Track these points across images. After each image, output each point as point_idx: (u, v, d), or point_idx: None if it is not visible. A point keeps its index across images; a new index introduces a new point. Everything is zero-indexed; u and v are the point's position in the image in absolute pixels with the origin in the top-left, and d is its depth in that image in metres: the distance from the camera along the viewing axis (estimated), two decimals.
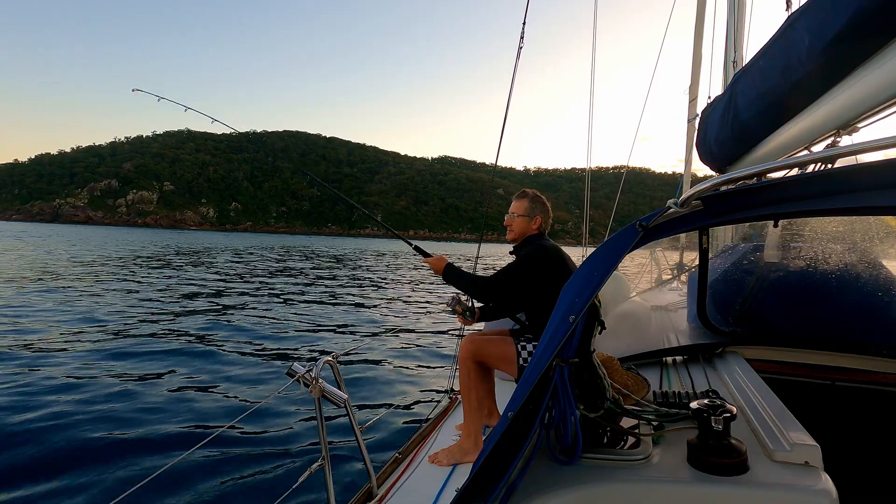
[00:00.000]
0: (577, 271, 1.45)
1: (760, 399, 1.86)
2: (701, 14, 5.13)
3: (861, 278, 2.63)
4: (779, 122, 2.28)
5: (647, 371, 2.41)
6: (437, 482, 1.91)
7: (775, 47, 2.10)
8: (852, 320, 2.59)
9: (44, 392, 5.15)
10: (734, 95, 2.53)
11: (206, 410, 4.94)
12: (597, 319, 1.84)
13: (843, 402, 2.44)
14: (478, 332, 2.53)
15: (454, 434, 2.47)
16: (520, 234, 2.42)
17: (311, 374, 1.64)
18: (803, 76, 1.92)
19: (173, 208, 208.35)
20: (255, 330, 8.76)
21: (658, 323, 3.43)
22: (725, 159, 2.86)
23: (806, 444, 1.43)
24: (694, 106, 4.99)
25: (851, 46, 1.63)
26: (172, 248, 37.72)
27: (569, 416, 1.46)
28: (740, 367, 2.30)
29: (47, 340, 7.49)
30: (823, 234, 2.90)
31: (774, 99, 2.18)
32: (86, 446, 4.07)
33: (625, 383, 2.06)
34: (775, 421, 1.63)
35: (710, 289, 2.88)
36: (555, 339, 1.33)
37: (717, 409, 1.41)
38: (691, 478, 1.36)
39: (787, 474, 1.36)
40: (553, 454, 1.47)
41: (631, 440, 1.58)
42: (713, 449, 1.39)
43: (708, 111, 3.00)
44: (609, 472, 1.41)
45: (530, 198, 2.42)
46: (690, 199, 1.40)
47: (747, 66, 2.42)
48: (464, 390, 2.27)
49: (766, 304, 2.88)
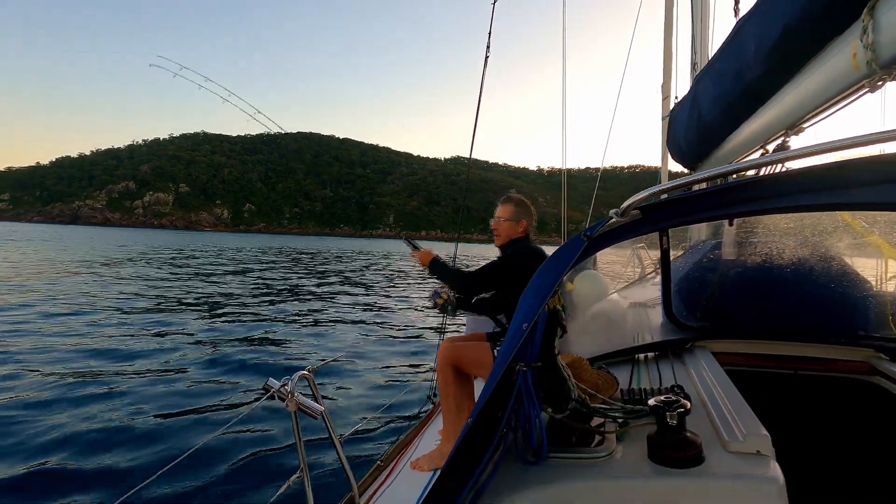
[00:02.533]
0: (530, 281, 1.53)
1: (721, 392, 1.93)
2: (669, 11, 5.16)
3: (815, 271, 2.71)
4: (737, 123, 2.37)
5: (620, 369, 2.47)
6: (419, 488, 1.97)
7: (728, 51, 2.18)
8: (810, 311, 2.66)
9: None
10: (697, 96, 2.61)
11: (179, 428, 4.81)
12: (558, 324, 1.90)
13: (804, 391, 2.51)
14: (454, 338, 2.61)
15: (436, 439, 2.51)
16: (506, 238, 2.52)
17: (286, 388, 1.65)
18: (753, 79, 2.01)
19: (188, 209, 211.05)
20: (226, 343, 8.39)
21: (633, 320, 3.49)
22: (694, 157, 2.94)
23: (758, 434, 1.49)
24: (667, 104, 5.03)
25: (791, 52, 1.71)
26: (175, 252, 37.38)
27: (534, 418, 1.51)
28: (706, 361, 2.36)
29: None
30: (776, 230, 2.97)
31: (731, 100, 2.27)
32: (47, 470, 3.87)
33: (594, 383, 2.11)
34: (732, 412, 1.69)
35: (678, 285, 2.95)
36: (511, 345, 1.40)
37: (672, 404, 1.47)
38: (651, 472, 1.42)
39: (739, 464, 1.41)
40: (520, 455, 1.51)
41: (597, 438, 1.63)
42: (669, 443, 1.45)
43: (676, 111, 3.07)
44: (574, 470, 1.45)
45: (515, 202, 2.52)
46: (629, 209, 1.49)
47: (706, 68, 2.51)
48: (442, 396, 2.35)
49: (729, 299, 2.95)
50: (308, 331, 10.03)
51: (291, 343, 8.78)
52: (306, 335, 9.56)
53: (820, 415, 2.46)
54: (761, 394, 2.12)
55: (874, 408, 2.34)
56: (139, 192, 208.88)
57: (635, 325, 3.26)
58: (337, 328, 10.41)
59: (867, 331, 2.54)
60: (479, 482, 1.35)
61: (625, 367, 2.53)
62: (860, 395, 2.41)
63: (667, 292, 2.79)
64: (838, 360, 2.48)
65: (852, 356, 2.48)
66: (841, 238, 2.81)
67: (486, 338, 2.50)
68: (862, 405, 2.40)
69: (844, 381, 2.45)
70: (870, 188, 1.21)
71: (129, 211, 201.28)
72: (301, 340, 9.05)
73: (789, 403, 2.50)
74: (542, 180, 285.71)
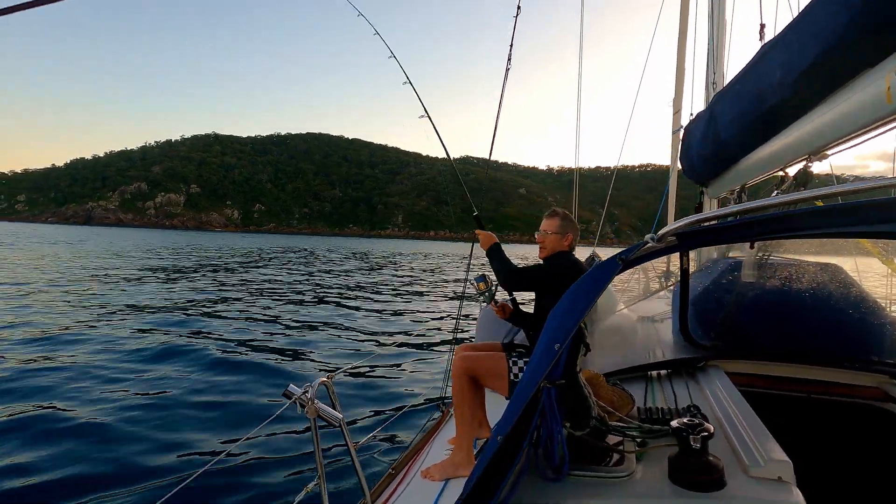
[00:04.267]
0: (561, 299, 1.52)
1: (738, 414, 1.92)
2: (684, 29, 5.11)
3: (833, 296, 2.72)
4: (755, 144, 2.35)
5: (633, 385, 2.48)
6: (430, 497, 1.96)
7: (750, 74, 2.16)
8: (826, 335, 2.67)
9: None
10: (714, 115, 2.58)
11: (198, 437, 4.82)
12: (582, 342, 1.91)
13: (818, 414, 2.52)
14: (470, 346, 2.61)
15: (446, 448, 2.50)
16: (551, 251, 2.54)
17: (306, 396, 1.68)
18: (776, 104, 1.97)
19: (199, 210, 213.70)
20: (243, 351, 8.40)
21: (644, 336, 3.50)
22: (707, 174, 2.94)
23: (779, 460, 1.48)
24: (678, 118, 4.99)
25: (818, 82, 1.69)
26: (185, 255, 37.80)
27: (556, 434, 1.52)
28: (721, 381, 2.36)
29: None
30: (797, 253, 3.00)
31: (751, 122, 2.24)
32: (69, 479, 3.88)
33: (610, 400, 2.13)
34: (751, 436, 1.69)
35: (693, 304, 2.96)
36: (541, 365, 1.41)
37: (695, 427, 1.47)
38: (672, 494, 1.42)
39: (760, 490, 1.41)
40: (542, 471, 1.53)
41: (616, 457, 1.63)
42: (692, 466, 1.45)
43: (690, 127, 3.04)
44: (594, 488, 1.46)
45: (561, 217, 2.55)
46: (667, 235, 1.53)
47: (725, 88, 2.49)
48: (456, 404, 2.34)
49: (745, 319, 2.95)
50: (317, 336, 10.10)
51: (305, 348, 8.85)
52: (318, 340, 9.64)
53: (833, 440, 2.46)
54: (773, 416, 2.15)
55: (888, 434, 2.34)
56: (151, 193, 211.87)
57: (646, 341, 3.28)
58: (350, 333, 10.49)
59: (881, 357, 2.53)
60: (501, 497, 1.36)
61: (638, 384, 2.53)
62: (874, 420, 2.40)
63: (684, 312, 2.79)
64: (852, 385, 2.49)
65: (866, 381, 2.48)
66: (859, 264, 2.83)
67: (500, 348, 2.49)
68: (875, 431, 2.39)
69: (858, 406, 2.45)
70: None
71: (142, 212, 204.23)
72: (314, 345, 9.13)
73: (802, 426, 2.49)
74: (552, 180, 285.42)
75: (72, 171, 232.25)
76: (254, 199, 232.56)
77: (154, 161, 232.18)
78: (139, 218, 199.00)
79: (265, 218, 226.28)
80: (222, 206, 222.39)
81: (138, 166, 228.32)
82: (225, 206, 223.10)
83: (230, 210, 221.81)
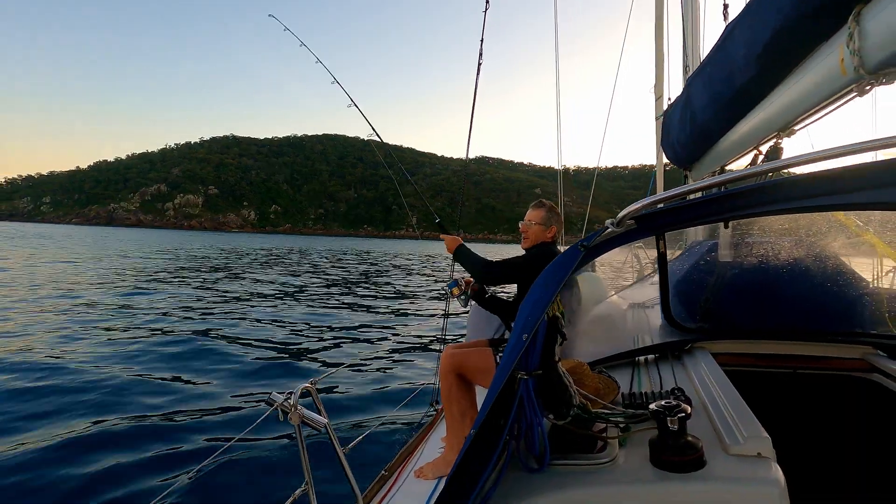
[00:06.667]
0: (529, 292, 1.54)
1: (721, 393, 1.92)
2: (660, 13, 5.05)
3: (811, 270, 2.72)
4: (730, 124, 2.33)
5: (620, 371, 2.48)
6: (423, 497, 1.97)
7: (718, 55, 2.14)
8: (807, 310, 2.68)
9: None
10: (689, 98, 2.59)
11: (183, 445, 4.68)
12: (558, 332, 1.89)
13: (804, 389, 2.52)
14: (457, 345, 2.61)
15: (440, 447, 2.50)
16: (534, 241, 2.54)
17: (289, 402, 1.68)
18: (744, 82, 1.96)
19: (217, 211, 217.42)
20: (229, 355, 8.16)
21: (632, 322, 3.48)
22: (688, 158, 2.95)
23: (758, 436, 1.48)
24: (660, 104, 4.94)
25: (780, 56, 1.69)
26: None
27: (535, 425, 1.52)
28: (706, 362, 2.36)
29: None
30: (772, 230, 2.97)
31: (723, 102, 2.22)
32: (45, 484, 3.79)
33: (595, 387, 2.11)
34: (732, 415, 1.69)
35: (676, 288, 2.95)
36: (511, 355, 1.42)
37: (672, 409, 1.47)
38: (653, 477, 1.42)
39: (740, 467, 1.41)
40: (523, 463, 1.52)
41: (599, 444, 1.63)
42: (671, 448, 1.45)
43: (669, 112, 3.04)
44: (577, 476, 1.46)
45: (547, 208, 2.55)
46: (624, 219, 1.53)
47: (697, 70, 2.47)
48: (446, 403, 2.34)
49: (726, 299, 2.95)
50: (307, 338, 9.94)
51: (294, 352, 8.68)
52: (307, 343, 9.46)
53: (819, 413, 2.48)
54: (761, 393, 2.12)
55: (873, 405, 2.36)
56: (170, 195, 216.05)
57: (635, 328, 3.26)
58: (339, 336, 10.32)
59: (864, 328, 2.56)
60: (484, 491, 1.35)
61: (625, 371, 2.53)
62: (859, 392, 2.43)
63: (665, 294, 2.78)
64: (836, 358, 2.50)
65: (850, 353, 2.49)
66: (835, 237, 2.82)
67: (487, 345, 2.48)
68: (861, 402, 2.42)
69: (843, 378, 2.47)
70: (867, 192, 1.20)
71: (161, 213, 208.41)
72: (304, 348, 8.99)
73: (789, 402, 2.52)
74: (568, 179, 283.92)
75: (95, 172, 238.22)
76: (270, 200, 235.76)
77: (173, 163, 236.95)
78: (158, 219, 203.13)
79: (281, 219, 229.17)
80: (239, 207, 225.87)
81: (158, 168, 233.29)
82: (242, 207, 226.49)
83: (247, 211, 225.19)
